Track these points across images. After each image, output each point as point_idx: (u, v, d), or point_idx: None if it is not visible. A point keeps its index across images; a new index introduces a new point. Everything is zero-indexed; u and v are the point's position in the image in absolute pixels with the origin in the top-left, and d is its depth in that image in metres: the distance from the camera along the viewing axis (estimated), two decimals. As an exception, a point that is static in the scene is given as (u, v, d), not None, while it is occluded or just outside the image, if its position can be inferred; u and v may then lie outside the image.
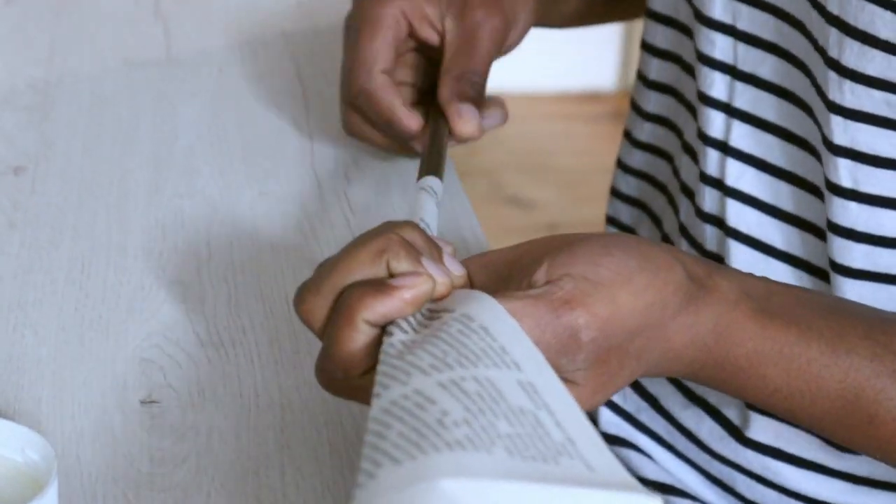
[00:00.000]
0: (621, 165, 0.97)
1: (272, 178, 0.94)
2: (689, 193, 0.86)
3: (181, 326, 0.78)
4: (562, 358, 0.60)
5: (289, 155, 0.97)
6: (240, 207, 0.91)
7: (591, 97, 3.03)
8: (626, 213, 0.97)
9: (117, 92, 1.05)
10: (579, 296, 0.60)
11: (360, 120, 0.88)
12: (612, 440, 0.92)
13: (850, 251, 0.75)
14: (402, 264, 0.62)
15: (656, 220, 0.93)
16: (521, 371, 0.57)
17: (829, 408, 0.65)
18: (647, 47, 0.92)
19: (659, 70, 0.91)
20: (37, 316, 0.79)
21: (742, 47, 0.81)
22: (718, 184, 0.82)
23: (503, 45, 0.88)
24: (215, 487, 0.67)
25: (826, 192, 0.75)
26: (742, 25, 0.80)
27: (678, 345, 0.64)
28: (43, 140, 0.98)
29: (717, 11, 0.81)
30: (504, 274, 0.64)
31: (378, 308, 0.60)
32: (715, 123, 0.82)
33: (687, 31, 0.87)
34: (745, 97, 0.81)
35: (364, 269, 0.62)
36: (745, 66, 0.81)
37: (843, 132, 0.73)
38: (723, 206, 0.82)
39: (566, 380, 0.61)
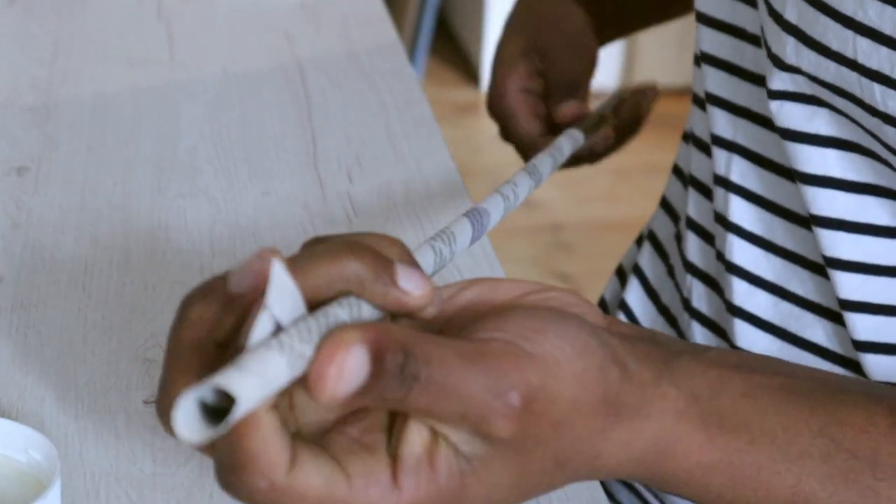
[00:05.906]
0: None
1: (275, 178, 0.94)
2: (700, 188, 0.86)
3: (184, 327, 0.78)
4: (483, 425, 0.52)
5: (291, 155, 0.97)
6: (243, 207, 0.91)
7: (594, 97, 3.02)
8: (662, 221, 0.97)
9: (120, 92, 1.05)
10: (513, 355, 0.53)
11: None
12: None
13: (840, 243, 0.75)
14: None
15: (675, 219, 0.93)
16: None
17: None
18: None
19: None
20: (40, 316, 0.79)
21: (746, 46, 0.81)
22: (724, 182, 0.83)
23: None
24: (217, 488, 0.67)
25: (810, 188, 0.75)
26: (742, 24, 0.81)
27: (612, 463, 0.57)
28: (46, 140, 0.98)
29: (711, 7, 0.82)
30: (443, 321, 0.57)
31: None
32: (720, 122, 0.82)
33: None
34: (751, 97, 0.81)
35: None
36: (746, 66, 0.81)
37: (827, 124, 0.73)
38: (727, 204, 0.82)
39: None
